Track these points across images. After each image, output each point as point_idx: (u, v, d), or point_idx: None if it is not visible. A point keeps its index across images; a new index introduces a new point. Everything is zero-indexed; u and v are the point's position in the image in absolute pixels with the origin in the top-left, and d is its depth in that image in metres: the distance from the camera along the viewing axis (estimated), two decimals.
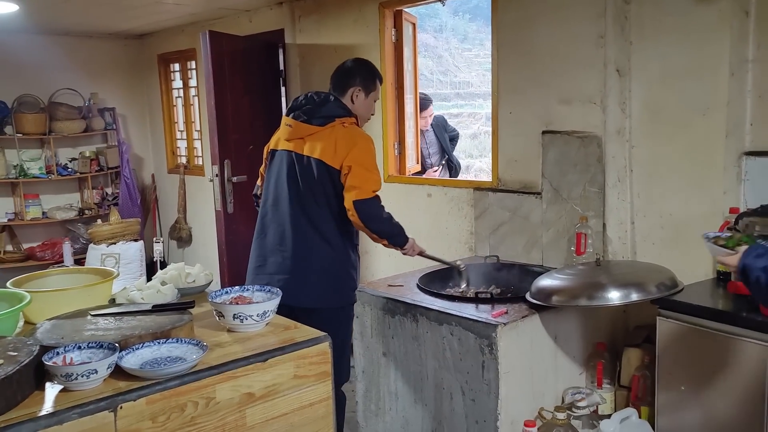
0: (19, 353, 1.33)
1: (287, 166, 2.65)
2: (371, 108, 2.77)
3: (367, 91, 2.71)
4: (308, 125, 2.60)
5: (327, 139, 2.57)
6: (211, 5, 4.75)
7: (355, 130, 2.63)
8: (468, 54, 13.75)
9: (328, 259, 2.61)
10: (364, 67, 2.75)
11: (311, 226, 2.59)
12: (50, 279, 2.02)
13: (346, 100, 2.69)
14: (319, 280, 2.60)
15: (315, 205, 2.59)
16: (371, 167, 2.56)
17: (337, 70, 2.75)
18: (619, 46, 2.75)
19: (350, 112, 2.66)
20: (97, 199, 6.16)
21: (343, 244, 2.64)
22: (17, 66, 5.60)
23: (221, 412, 1.50)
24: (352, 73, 2.70)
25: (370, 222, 2.55)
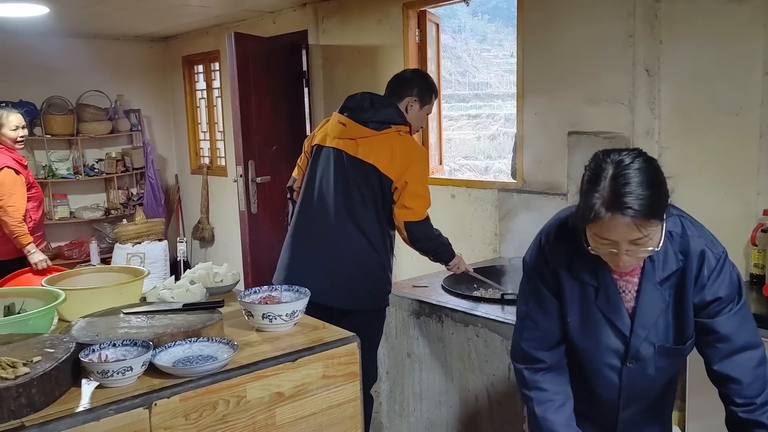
0: (56, 350, 1.35)
1: (335, 164, 2.56)
2: (423, 120, 2.72)
3: (423, 102, 2.65)
4: (363, 127, 2.51)
5: (383, 146, 2.49)
6: (235, 7, 4.79)
7: (412, 142, 2.58)
8: (487, 55, 13.70)
9: (371, 262, 2.54)
10: (423, 79, 2.70)
11: (357, 228, 2.52)
12: (83, 277, 2.05)
13: (401, 108, 2.63)
14: (358, 282, 2.54)
15: (362, 207, 2.52)
16: (425, 186, 2.53)
17: (395, 78, 2.69)
18: (648, 45, 2.72)
19: (406, 121, 2.60)
20: (123, 200, 6.24)
21: (385, 248, 2.59)
22: (47, 68, 5.70)
23: (251, 411, 1.51)
24: (411, 83, 2.64)
25: (418, 242, 2.56)
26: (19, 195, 3.76)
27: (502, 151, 10.87)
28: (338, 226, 2.53)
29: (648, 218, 1.33)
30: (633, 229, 1.33)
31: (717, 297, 1.46)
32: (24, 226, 3.76)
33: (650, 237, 1.36)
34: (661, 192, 1.38)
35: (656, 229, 1.38)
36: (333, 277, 2.51)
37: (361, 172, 2.51)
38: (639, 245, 1.37)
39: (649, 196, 1.33)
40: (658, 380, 1.62)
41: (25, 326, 1.51)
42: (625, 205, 1.31)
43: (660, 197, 1.37)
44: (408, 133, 2.60)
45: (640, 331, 1.51)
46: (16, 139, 3.80)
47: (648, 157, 1.42)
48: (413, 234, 2.51)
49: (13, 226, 3.73)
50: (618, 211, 1.32)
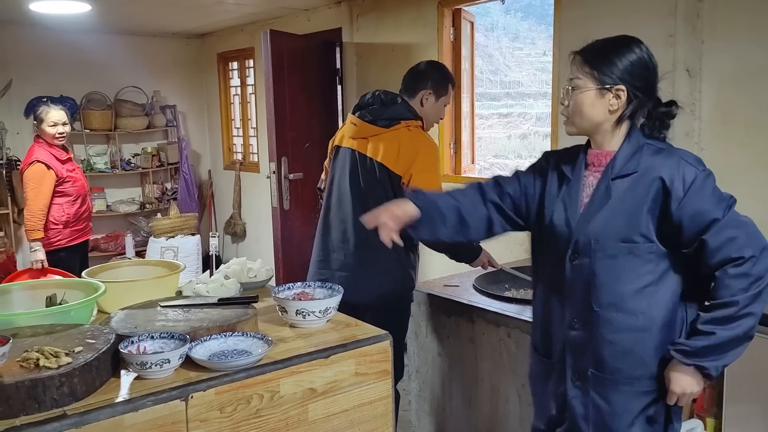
0: (97, 341, 1.39)
1: (350, 164, 2.62)
2: (441, 112, 2.70)
3: (438, 95, 2.64)
4: (373, 126, 2.56)
5: (390, 143, 2.52)
6: (270, 5, 4.83)
7: (420, 135, 2.57)
8: (519, 53, 13.58)
9: (388, 258, 2.57)
10: (438, 70, 2.68)
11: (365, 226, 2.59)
12: (120, 270, 2.09)
13: (416, 102, 2.63)
14: (378, 278, 2.59)
15: (376, 206, 2.55)
16: (434, 181, 2.52)
17: (410, 72, 2.69)
18: (689, 45, 2.67)
19: (417, 115, 2.60)
20: (158, 194, 6.35)
21: (402, 245, 2.61)
22: (87, 64, 5.83)
23: (285, 406, 1.53)
24: (425, 76, 2.63)
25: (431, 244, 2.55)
26: (43, 189, 3.80)
27: (533, 150, 10.77)
28: (356, 225, 2.56)
29: (584, 62, 1.55)
30: (574, 68, 1.58)
31: (698, 212, 1.49)
32: (39, 222, 3.79)
33: (579, 87, 1.56)
34: (611, 56, 1.54)
35: (585, 82, 1.55)
36: (356, 274, 2.58)
37: (372, 171, 2.55)
38: (571, 88, 1.58)
39: (599, 48, 1.57)
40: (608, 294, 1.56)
41: (67, 317, 1.55)
42: (582, 48, 1.59)
43: (606, 57, 1.54)
44: (420, 127, 2.59)
45: (582, 222, 1.60)
46: (55, 135, 3.87)
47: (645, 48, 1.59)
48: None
49: (26, 218, 3.82)
50: (578, 52, 1.60)
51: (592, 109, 1.56)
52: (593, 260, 1.57)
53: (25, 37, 5.53)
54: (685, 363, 1.52)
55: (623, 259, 1.54)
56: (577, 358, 1.65)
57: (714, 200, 1.51)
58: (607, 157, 1.60)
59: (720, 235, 1.47)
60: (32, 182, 3.81)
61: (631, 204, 1.53)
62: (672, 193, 1.50)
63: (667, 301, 1.55)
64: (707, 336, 1.49)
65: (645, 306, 1.55)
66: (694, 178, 1.50)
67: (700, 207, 1.49)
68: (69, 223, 3.96)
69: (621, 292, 1.55)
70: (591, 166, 1.63)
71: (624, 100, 1.55)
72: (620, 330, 1.57)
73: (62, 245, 3.93)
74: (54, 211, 3.88)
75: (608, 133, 1.60)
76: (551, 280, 1.69)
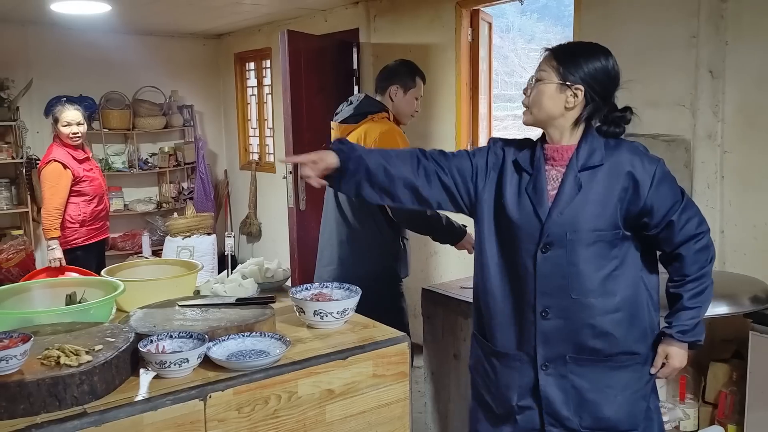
0: (116, 339, 1.39)
1: None
2: (413, 105, 2.79)
3: (406, 88, 2.75)
4: (346, 125, 2.71)
5: (356, 135, 2.65)
6: (288, 5, 4.84)
7: (382, 124, 2.67)
8: (535, 55, 13.46)
9: (363, 247, 2.68)
10: (404, 65, 2.80)
11: (348, 220, 2.70)
12: (139, 269, 2.10)
13: (386, 98, 2.76)
14: (355, 267, 2.68)
15: (348, 200, 2.70)
16: None
17: (380, 71, 2.84)
18: (713, 46, 2.63)
19: (382, 108, 2.72)
20: (174, 193, 6.38)
21: (381, 233, 2.68)
22: (106, 64, 5.87)
23: (302, 407, 1.52)
24: (392, 73, 2.77)
25: (406, 221, 2.64)
26: (59, 188, 3.82)
27: None
28: (336, 221, 2.74)
29: (553, 57, 1.64)
30: (543, 61, 1.67)
31: (666, 196, 1.60)
32: (55, 221, 3.81)
33: (542, 80, 1.64)
34: (578, 57, 1.63)
35: (549, 75, 1.63)
36: (339, 267, 2.71)
37: None
38: (535, 80, 1.67)
39: (570, 48, 1.69)
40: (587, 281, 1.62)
41: (87, 315, 1.56)
42: (555, 46, 1.69)
43: (573, 57, 1.63)
44: (386, 118, 2.70)
45: (554, 215, 1.63)
46: (69, 135, 3.89)
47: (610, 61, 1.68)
48: (395, 213, 2.60)
49: (43, 217, 3.83)
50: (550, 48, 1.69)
51: (550, 102, 1.64)
52: (569, 250, 1.62)
53: (46, 37, 5.58)
54: (683, 341, 1.65)
55: (596, 246, 1.62)
56: (549, 347, 1.67)
57: (674, 186, 1.64)
58: (568, 151, 1.66)
59: (683, 215, 1.61)
60: (49, 181, 3.83)
61: (602, 194, 1.61)
62: (641, 183, 1.59)
63: (632, 278, 1.66)
64: (696, 310, 1.64)
65: (617, 287, 1.63)
66: (655, 167, 1.61)
67: (667, 192, 1.61)
68: (85, 222, 3.98)
69: (597, 278, 1.62)
70: (551, 160, 1.68)
71: (581, 100, 1.63)
72: (599, 314, 1.63)
73: (78, 244, 3.95)
74: (70, 210, 3.90)
75: (566, 130, 1.67)
76: (513, 273, 1.70)
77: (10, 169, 5.51)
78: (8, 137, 5.43)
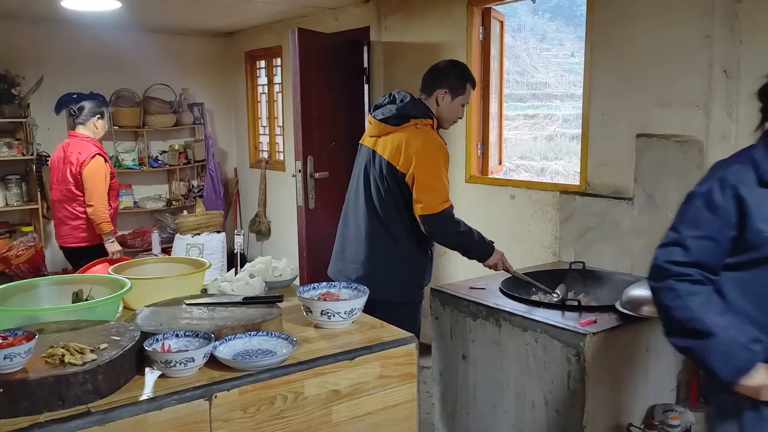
0: (122, 338, 1.38)
1: (365, 161, 2.71)
2: (458, 111, 2.72)
3: (454, 94, 2.66)
4: (385, 124, 2.63)
5: (397, 141, 2.58)
6: (298, 3, 4.83)
7: (426, 134, 2.58)
8: (546, 54, 13.43)
9: (393, 255, 2.64)
10: (455, 69, 2.70)
11: (380, 222, 2.64)
12: (146, 267, 2.10)
13: (431, 101, 2.67)
14: (383, 273, 2.64)
15: (383, 202, 2.63)
16: (435, 178, 2.52)
17: (429, 70, 2.73)
18: (727, 46, 2.59)
19: (427, 114, 2.63)
20: (184, 191, 6.40)
21: (410, 243, 2.64)
22: (116, 61, 5.89)
23: (308, 408, 1.51)
24: (441, 75, 2.67)
25: (436, 237, 2.61)
26: (104, 183, 3.96)
27: (558, 152, 10.64)
28: (366, 220, 2.66)
29: None
30: None
31: None
32: (106, 214, 3.94)
33: None
34: None
35: None
36: (365, 268, 2.65)
37: (380, 168, 2.62)
38: None
39: None
40: None
41: (92, 313, 1.55)
42: None
43: None
44: (430, 125, 2.63)
45: None
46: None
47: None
48: (428, 228, 2.56)
49: (97, 212, 3.90)
50: None
51: None
52: None
53: (57, 34, 5.61)
54: None
55: None
56: None
57: None
58: None
59: None
60: (98, 175, 3.93)
61: None
62: None
63: None
64: None
65: None
66: None
67: None
68: (113, 217, 4.09)
69: None
70: None
71: None
72: None
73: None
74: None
75: None
76: None
77: (20, 166, 5.55)
78: (19, 134, 5.46)
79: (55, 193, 4.08)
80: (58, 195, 4.04)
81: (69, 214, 4.01)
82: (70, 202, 3.99)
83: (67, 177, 3.96)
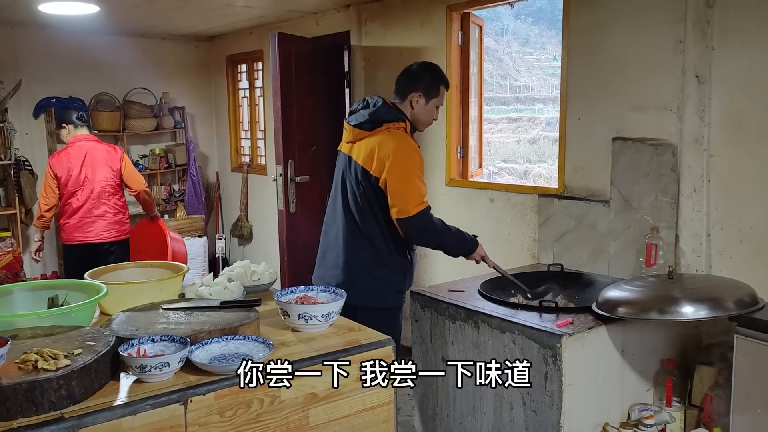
0: (96, 343, 1.38)
1: (343, 167, 2.72)
2: (433, 114, 2.72)
3: (428, 96, 2.66)
4: (359, 129, 2.62)
5: (371, 145, 2.57)
6: (279, 8, 4.84)
7: (398, 137, 2.58)
8: (529, 58, 13.55)
9: (372, 260, 2.64)
10: (429, 71, 2.70)
11: (358, 228, 2.64)
12: (124, 272, 2.09)
13: (405, 105, 2.67)
14: (362, 279, 2.63)
15: (361, 208, 2.62)
16: (408, 182, 2.52)
17: (401, 74, 2.73)
18: (699, 51, 2.64)
19: (400, 117, 2.63)
20: (165, 195, 6.36)
21: (388, 247, 2.64)
22: (96, 65, 5.85)
23: (286, 411, 1.51)
24: (415, 78, 2.67)
25: (415, 239, 2.62)
26: None
27: (542, 155, 10.72)
28: (345, 226, 2.67)
29: None
30: None
31: None
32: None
33: None
34: None
35: None
36: (344, 273, 2.66)
37: (355, 174, 2.62)
38: None
39: None
40: None
41: (68, 319, 1.55)
42: None
43: None
44: (403, 129, 2.62)
45: None
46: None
47: None
48: (405, 231, 2.55)
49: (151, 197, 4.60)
50: None
51: None
52: None
53: (35, 39, 5.55)
54: None
55: None
56: None
57: None
58: None
59: None
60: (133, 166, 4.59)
61: None
62: None
63: None
64: None
65: None
66: None
67: None
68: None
69: None
70: None
71: None
72: None
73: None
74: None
75: None
76: None
77: None
78: None
79: (85, 192, 4.24)
80: (97, 193, 4.26)
81: (110, 208, 4.33)
82: (111, 198, 4.33)
83: (108, 174, 4.29)
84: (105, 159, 4.29)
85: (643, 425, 2.36)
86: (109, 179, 4.30)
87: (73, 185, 4.22)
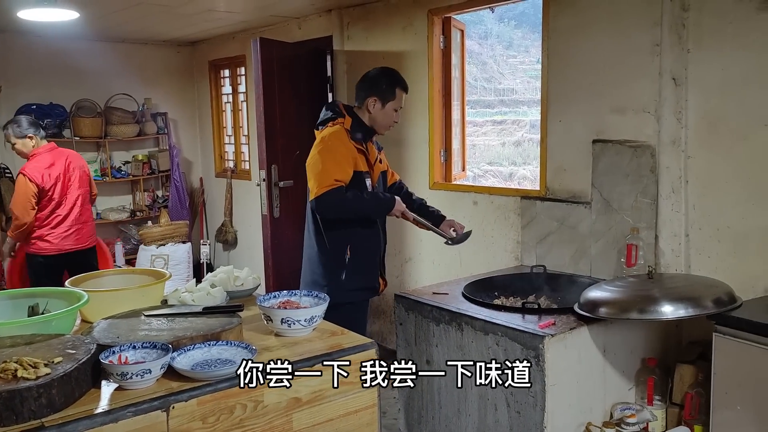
0: (77, 351, 1.37)
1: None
2: (392, 116, 2.78)
3: (385, 100, 2.73)
4: (317, 131, 2.77)
5: (316, 142, 2.72)
6: (261, 13, 4.83)
7: (326, 133, 2.68)
8: (513, 61, 13.64)
9: (316, 256, 2.76)
10: (385, 76, 2.77)
11: (306, 226, 2.80)
12: (105, 279, 2.08)
13: (363, 109, 2.76)
14: (306, 274, 2.81)
15: (307, 209, 2.78)
16: (316, 166, 2.61)
17: (360, 79, 2.82)
18: (675, 54, 2.68)
19: (341, 114, 2.72)
20: (148, 202, 6.32)
21: (326, 244, 2.72)
22: (76, 72, 5.80)
23: (269, 416, 1.51)
24: (371, 83, 2.76)
25: (329, 214, 2.65)
26: None
27: (527, 157, 10.79)
28: (305, 225, 2.82)
29: None
30: None
31: None
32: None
33: None
34: None
35: None
36: (304, 276, 2.83)
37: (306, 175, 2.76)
38: None
39: None
40: None
41: (48, 327, 1.54)
42: None
43: None
44: (341, 124, 2.69)
45: None
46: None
47: None
48: (316, 210, 2.64)
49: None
50: None
51: None
52: None
53: (14, 45, 5.50)
54: None
55: None
56: None
57: None
58: None
59: None
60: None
61: None
62: None
63: None
64: None
65: None
66: None
67: None
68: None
69: None
70: None
71: None
72: None
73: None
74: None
75: None
76: None
77: None
78: None
79: (71, 199, 4.17)
80: (81, 199, 4.22)
81: (90, 215, 4.35)
82: (88, 204, 4.33)
83: (83, 180, 4.26)
84: (80, 164, 4.30)
85: (626, 424, 2.38)
86: (84, 183, 4.31)
87: (59, 194, 4.12)
